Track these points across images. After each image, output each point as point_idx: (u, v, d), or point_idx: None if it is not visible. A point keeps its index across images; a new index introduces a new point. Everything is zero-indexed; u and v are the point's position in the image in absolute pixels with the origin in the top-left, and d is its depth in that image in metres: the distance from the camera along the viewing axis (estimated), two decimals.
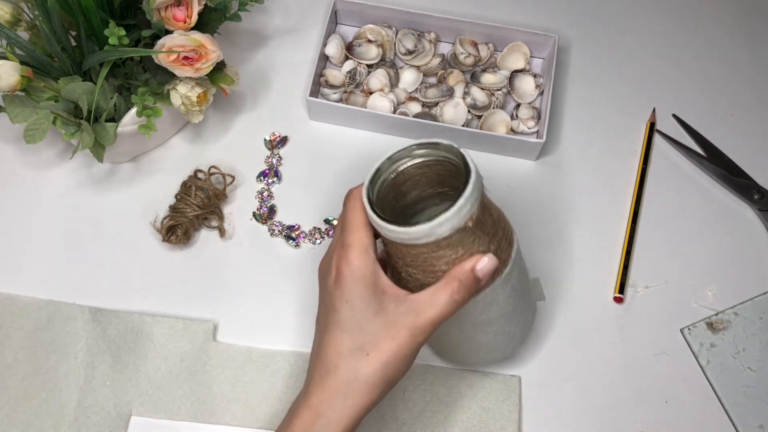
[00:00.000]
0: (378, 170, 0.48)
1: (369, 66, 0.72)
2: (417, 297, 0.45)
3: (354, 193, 0.47)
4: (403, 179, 0.49)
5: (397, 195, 0.50)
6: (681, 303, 0.64)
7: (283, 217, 0.67)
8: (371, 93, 0.71)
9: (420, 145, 0.48)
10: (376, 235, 0.47)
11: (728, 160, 0.70)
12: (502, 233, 0.48)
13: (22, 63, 0.58)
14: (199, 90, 0.62)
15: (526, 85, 0.72)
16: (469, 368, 0.61)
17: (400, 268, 0.47)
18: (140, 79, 0.63)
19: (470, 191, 0.44)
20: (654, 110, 0.72)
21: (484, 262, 0.45)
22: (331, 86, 0.71)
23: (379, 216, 0.45)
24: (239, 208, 0.67)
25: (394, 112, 0.70)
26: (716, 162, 0.70)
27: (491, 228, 0.46)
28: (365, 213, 0.46)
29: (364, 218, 0.46)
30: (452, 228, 0.44)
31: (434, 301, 0.45)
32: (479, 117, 0.70)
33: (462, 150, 0.46)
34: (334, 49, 0.72)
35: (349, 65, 0.72)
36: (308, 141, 0.71)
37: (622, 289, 0.64)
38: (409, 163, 0.48)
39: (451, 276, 0.45)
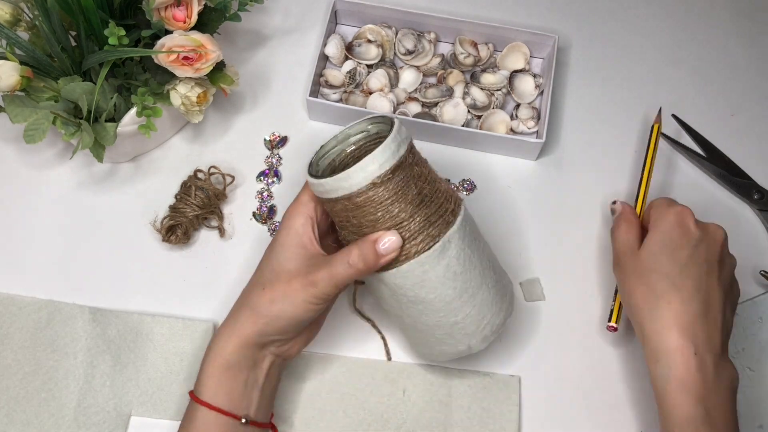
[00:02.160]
0: (322, 147, 0.53)
1: (369, 66, 0.72)
2: (326, 257, 0.51)
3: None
4: (349, 160, 0.54)
5: None
6: None
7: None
8: (371, 93, 0.71)
9: (362, 122, 0.53)
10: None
11: (728, 160, 0.70)
12: (436, 209, 0.49)
13: (21, 63, 0.58)
14: (198, 90, 0.62)
15: (526, 85, 0.72)
16: (435, 363, 0.61)
17: (339, 234, 0.51)
18: (140, 79, 0.63)
19: (384, 147, 0.47)
20: (660, 110, 0.71)
21: (388, 241, 0.48)
22: (331, 86, 0.71)
23: (310, 174, 0.50)
24: (239, 208, 0.67)
25: (394, 112, 0.70)
26: (716, 162, 0.70)
27: (419, 199, 0.48)
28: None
29: (309, 191, 0.52)
30: (363, 180, 0.47)
31: (334, 261, 0.49)
32: (479, 117, 0.70)
33: (396, 118, 0.50)
34: (333, 49, 0.72)
35: (348, 65, 0.72)
36: (308, 141, 0.71)
37: (617, 317, 0.61)
38: (354, 140, 0.54)
39: (356, 245, 0.49)
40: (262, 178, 0.69)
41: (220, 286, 0.64)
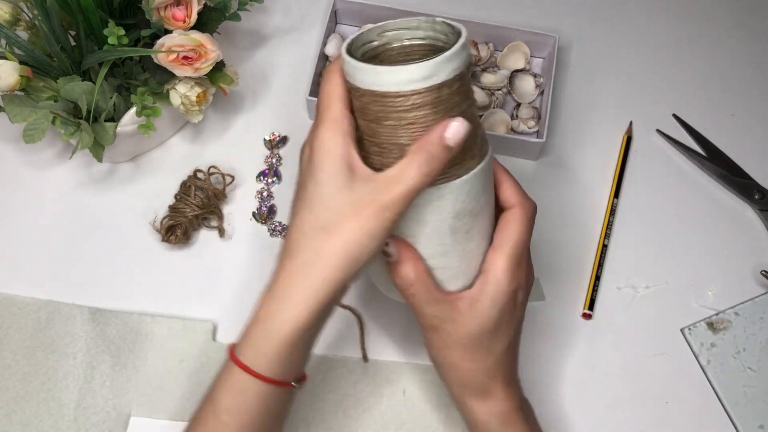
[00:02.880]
0: (367, 32, 0.46)
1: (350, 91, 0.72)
2: (386, 174, 0.43)
3: (332, 67, 0.45)
4: (392, 54, 0.47)
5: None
6: (681, 303, 0.64)
7: (283, 217, 0.67)
8: None
9: (421, 21, 0.46)
10: (353, 111, 0.45)
11: (728, 160, 0.70)
12: (478, 125, 0.45)
13: (21, 63, 0.58)
14: (198, 90, 0.62)
15: (526, 84, 0.72)
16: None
17: (365, 143, 0.45)
18: (139, 79, 0.63)
19: (461, 45, 0.42)
20: (630, 123, 0.72)
21: (455, 127, 0.41)
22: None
23: (351, 56, 0.42)
24: (239, 208, 0.67)
25: None
26: (716, 162, 0.70)
27: (471, 115, 0.44)
28: (342, 87, 0.44)
29: (340, 91, 0.44)
30: (433, 79, 0.41)
31: (403, 175, 0.42)
32: (479, 117, 0.70)
33: (462, 28, 0.44)
34: (334, 49, 0.72)
35: None
36: None
37: (592, 305, 0.63)
38: (402, 40, 0.47)
39: (419, 147, 0.42)
40: (262, 178, 0.68)
41: (220, 286, 0.64)
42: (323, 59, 0.73)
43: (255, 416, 0.45)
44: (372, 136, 0.44)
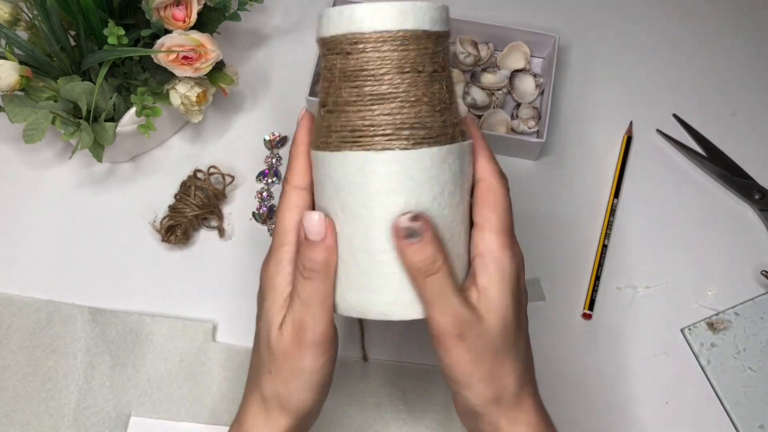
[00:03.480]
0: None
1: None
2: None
3: (288, 183, 0.43)
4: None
5: None
6: (681, 303, 0.64)
7: None
8: None
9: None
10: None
11: (729, 160, 0.70)
12: (443, 116, 0.41)
13: (21, 63, 0.58)
14: (198, 90, 0.62)
15: (526, 84, 0.72)
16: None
17: (323, 99, 0.42)
18: (139, 79, 0.63)
19: (442, 5, 0.40)
20: (631, 123, 0.72)
21: (308, 220, 0.40)
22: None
23: None
24: (239, 208, 0.67)
25: None
26: (716, 162, 0.70)
27: (433, 93, 0.41)
28: (294, 219, 0.43)
29: (286, 219, 0.43)
30: (385, 23, 0.39)
31: (295, 302, 0.42)
32: (479, 117, 0.70)
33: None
34: None
35: None
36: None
37: (592, 305, 0.63)
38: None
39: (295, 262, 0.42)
40: (261, 178, 0.68)
41: (220, 286, 0.64)
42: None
43: None
44: (327, 91, 0.42)
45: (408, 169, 0.40)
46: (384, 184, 0.40)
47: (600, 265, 0.65)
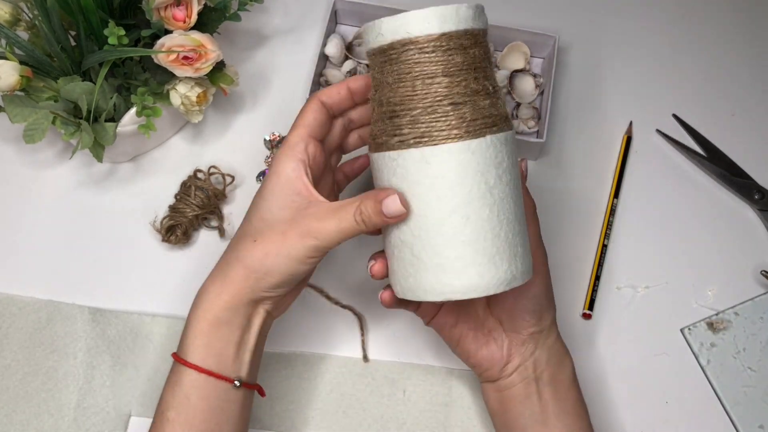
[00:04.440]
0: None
1: (369, 66, 0.72)
2: (327, 203, 0.46)
3: (312, 97, 0.50)
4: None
5: None
6: (681, 303, 0.64)
7: None
8: None
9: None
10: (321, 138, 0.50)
11: (728, 160, 0.70)
12: (490, 106, 0.45)
13: (21, 63, 0.58)
14: (198, 90, 0.62)
15: (526, 85, 0.72)
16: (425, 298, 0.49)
17: (381, 124, 0.45)
18: (140, 79, 0.63)
19: (466, 6, 0.44)
20: (630, 123, 0.72)
21: (390, 200, 0.43)
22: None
23: None
24: (239, 208, 0.67)
25: None
26: (716, 162, 0.70)
27: (479, 84, 0.44)
28: (313, 114, 0.49)
29: (308, 118, 0.49)
30: (430, 27, 0.43)
31: (341, 213, 0.45)
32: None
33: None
34: (334, 48, 0.72)
35: (348, 65, 0.72)
36: None
37: (591, 305, 0.64)
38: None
39: (364, 196, 0.45)
40: (261, 178, 0.68)
41: None
42: (323, 59, 0.73)
43: (198, 413, 0.46)
44: (390, 102, 0.45)
45: (468, 158, 0.43)
46: (447, 174, 0.43)
47: (600, 265, 0.65)
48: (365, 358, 0.61)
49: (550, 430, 0.51)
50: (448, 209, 0.43)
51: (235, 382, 0.48)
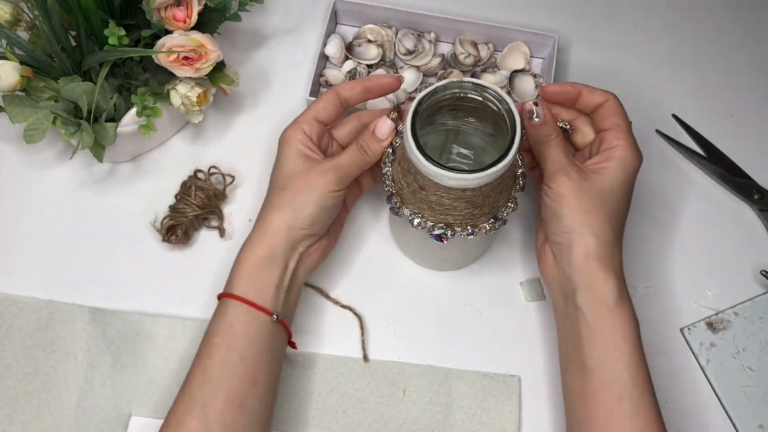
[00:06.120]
0: (434, 92, 0.51)
1: (369, 66, 0.72)
2: (333, 156, 0.56)
3: (333, 89, 0.58)
4: (442, 105, 0.53)
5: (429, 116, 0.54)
6: (681, 303, 0.64)
7: None
8: None
9: (473, 85, 0.51)
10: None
11: (728, 160, 0.70)
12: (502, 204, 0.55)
13: (21, 63, 0.58)
14: (198, 90, 0.62)
15: (526, 85, 0.72)
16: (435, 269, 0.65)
17: (405, 183, 0.53)
18: (140, 79, 0.63)
19: (509, 157, 0.49)
20: (630, 123, 0.71)
21: (380, 124, 0.54)
22: (331, 86, 0.71)
23: (421, 152, 0.49)
24: (239, 208, 0.67)
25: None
26: (716, 162, 0.70)
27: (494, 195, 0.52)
28: (326, 106, 0.57)
29: (316, 104, 0.57)
30: (479, 182, 0.49)
31: (348, 149, 0.55)
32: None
33: (511, 105, 0.50)
34: (334, 49, 0.72)
35: (349, 65, 0.72)
36: None
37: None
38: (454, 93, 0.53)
39: (359, 138, 0.55)
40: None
41: (220, 287, 0.63)
42: (323, 59, 0.73)
43: (241, 339, 0.52)
44: (417, 191, 0.52)
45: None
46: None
47: None
48: (365, 358, 0.61)
49: (588, 361, 0.51)
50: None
51: (274, 316, 0.53)
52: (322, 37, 0.72)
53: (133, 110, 0.61)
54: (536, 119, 0.53)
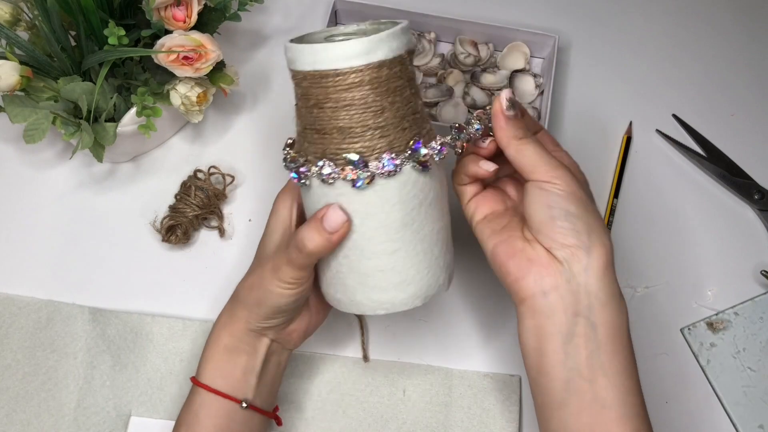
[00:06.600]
0: (308, 35, 0.48)
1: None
2: (294, 236, 0.48)
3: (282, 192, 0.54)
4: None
5: None
6: (681, 303, 0.64)
7: None
8: None
9: (363, 24, 0.48)
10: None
11: (728, 160, 0.70)
12: (419, 112, 0.46)
13: (21, 63, 0.58)
14: (198, 90, 0.62)
15: (526, 85, 0.72)
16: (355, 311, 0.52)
17: (307, 133, 0.46)
18: (140, 79, 0.63)
19: (401, 27, 0.44)
20: (630, 123, 0.72)
21: (330, 215, 0.45)
22: None
23: (291, 41, 0.45)
24: (239, 208, 0.67)
25: None
26: (716, 162, 0.70)
27: (411, 101, 0.45)
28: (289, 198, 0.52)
29: (285, 196, 0.53)
30: (371, 56, 0.42)
31: (290, 244, 0.47)
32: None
33: (404, 22, 0.46)
34: None
35: None
36: None
37: None
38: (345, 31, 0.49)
39: (302, 226, 0.47)
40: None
41: (220, 287, 0.64)
42: None
43: (204, 431, 0.50)
44: (313, 123, 0.45)
45: (383, 193, 0.45)
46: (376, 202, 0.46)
47: None
48: (365, 358, 0.61)
49: (598, 392, 0.42)
50: (369, 236, 0.46)
51: (242, 404, 0.51)
52: None
53: (133, 110, 0.61)
54: (511, 112, 0.47)
